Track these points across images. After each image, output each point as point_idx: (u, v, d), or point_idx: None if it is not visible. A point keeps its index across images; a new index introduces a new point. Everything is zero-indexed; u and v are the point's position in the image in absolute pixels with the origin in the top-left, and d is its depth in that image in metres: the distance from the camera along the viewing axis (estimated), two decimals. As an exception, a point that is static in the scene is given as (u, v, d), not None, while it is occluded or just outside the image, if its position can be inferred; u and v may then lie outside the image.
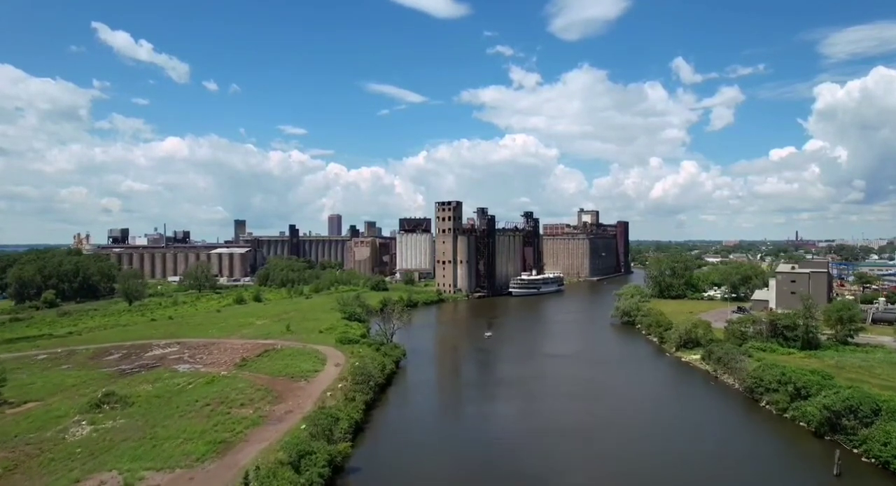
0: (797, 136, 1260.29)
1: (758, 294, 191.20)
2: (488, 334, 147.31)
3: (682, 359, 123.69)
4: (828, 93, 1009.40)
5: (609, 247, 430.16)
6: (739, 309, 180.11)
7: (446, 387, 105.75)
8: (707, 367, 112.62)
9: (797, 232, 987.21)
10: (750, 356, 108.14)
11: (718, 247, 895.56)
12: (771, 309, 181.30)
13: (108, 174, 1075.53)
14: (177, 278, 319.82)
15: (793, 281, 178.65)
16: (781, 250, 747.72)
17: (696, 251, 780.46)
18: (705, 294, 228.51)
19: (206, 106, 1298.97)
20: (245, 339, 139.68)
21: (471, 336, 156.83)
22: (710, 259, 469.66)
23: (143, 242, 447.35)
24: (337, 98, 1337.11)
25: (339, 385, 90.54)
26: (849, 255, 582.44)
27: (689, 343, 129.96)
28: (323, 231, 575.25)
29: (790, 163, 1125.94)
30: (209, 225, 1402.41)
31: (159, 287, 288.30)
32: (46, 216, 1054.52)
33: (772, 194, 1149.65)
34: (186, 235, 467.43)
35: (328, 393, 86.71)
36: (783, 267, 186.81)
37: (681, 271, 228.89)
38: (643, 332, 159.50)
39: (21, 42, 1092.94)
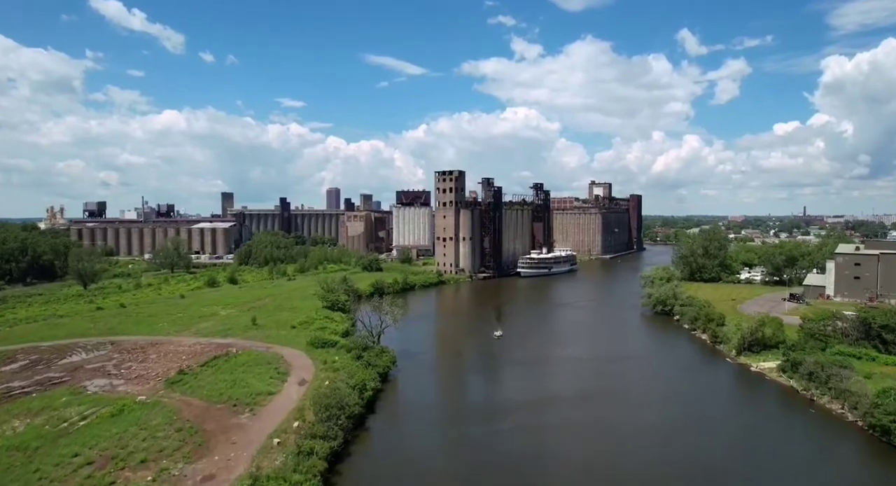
0: (802, 110, 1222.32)
1: (811, 279, 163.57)
2: (498, 333, 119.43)
3: (752, 368, 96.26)
4: (836, 65, 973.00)
5: (622, 222, 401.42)
6: (793, 297, 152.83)
7: (447, 417, 77.71)
8: (794, 383, 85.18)
9: (805, 207, 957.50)
10: (845, 367, 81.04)
11: (725, 223, 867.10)
12: (828, 296, 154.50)
13: (104, 147, 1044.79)
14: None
15: (857, 264, 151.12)
16: (795, 226, 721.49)
17: (706, 227, 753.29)
18: (742, 277, 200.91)
19: (202, 78, 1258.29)
20: (198, 337, 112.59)
21: (477, 334, 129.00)
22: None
23: (132, 215, 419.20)
24: (335, 70, 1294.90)
25: (296, 424, 63.05)
26: (868, 231, 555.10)
27: (754, 345, 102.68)
28: (323, 205, 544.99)
29: (795, 137, 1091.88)
30: (208, 198, 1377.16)
31: (130, 266, 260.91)
32: (44, 190, 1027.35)
33: (775, 169, 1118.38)
34: (170, 208, 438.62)
35: (276, 440, 59.30)
36: (844, 247, 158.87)
37: (714, 250, 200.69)
38: (685, 326, 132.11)
39: (11, 11, 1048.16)
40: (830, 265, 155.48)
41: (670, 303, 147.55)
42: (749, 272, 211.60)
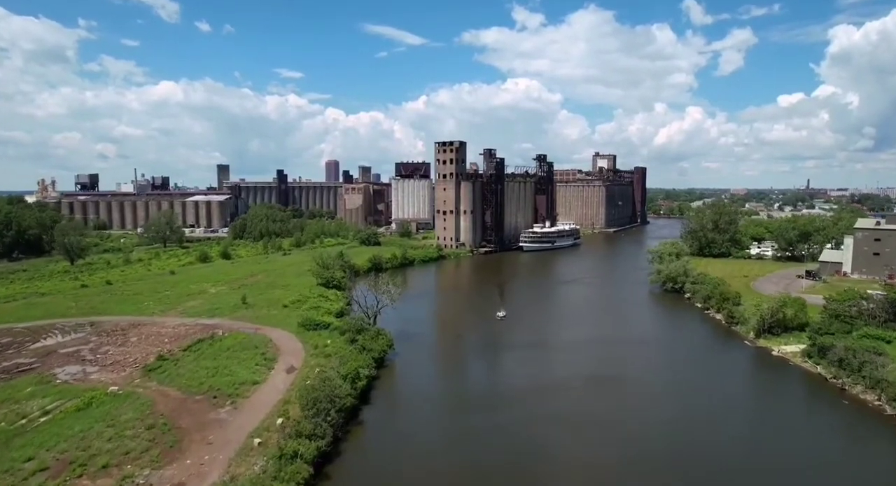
0: (808, 81, 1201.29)
1: (827, 255, 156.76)
2: (501, 314, 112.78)
3: (773, 352, 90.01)
4: (843, 35, 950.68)
5: (625, 195, 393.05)
6: (809, 274, 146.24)
7: (448, 407, 71.36)
8: (821, 370, 78.96)
9: (808, 180, 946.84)
10: (879, 354, 74.80)
11: (728, 196, 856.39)
12: (845, 273, 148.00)
13: (101, 119, 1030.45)
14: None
15: (877, 240, 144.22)
16: (799, 200, 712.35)
17: (709, 200, 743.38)
18: (752, 252, 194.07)
19: (199, 48, 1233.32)
20: (184, 317, 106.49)
21: (478, 313, 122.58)
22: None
23: (129, 188, 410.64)
24: (333, 39, 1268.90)
25: (279, 421, 56.84)
26: (874, 204, 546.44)
27: (775, 327, 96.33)
28: (322, 178, 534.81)
29: (799, 109, 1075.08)
30: (207, 171, 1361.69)
31: (122, 241, 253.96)
32: (42, 162, 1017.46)
33: (778, 142, 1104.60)
34: (165, 181, 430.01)
35: (256, 440, 53.17)
36: (864, 222, 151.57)
37: (725, 225, 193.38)
38: (698, 305, 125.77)
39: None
40: (849, 241, 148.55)
41: (681, 280, 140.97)
42: (759, 247, 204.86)
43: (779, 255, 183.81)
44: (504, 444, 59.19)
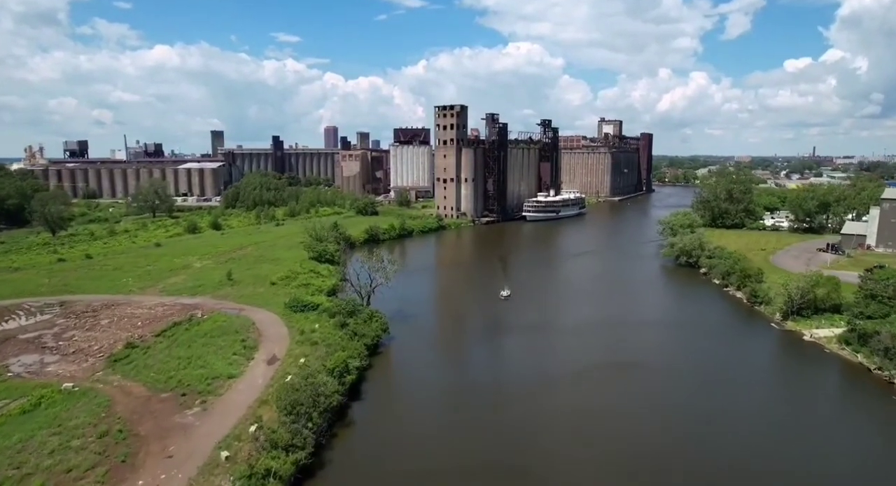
0: (816, 46, 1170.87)
1: (850, 227, 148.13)
2: (505, 293, 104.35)
3: (804, 337, 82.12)
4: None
5: (631, 162, 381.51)
6: (831, 247, 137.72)
7: (447, 403, 62.40)
8: (863, 360, 71.12)
9: (814, 148, 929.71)
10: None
11: (732, 163, 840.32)
12: (869, 246, 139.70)
13: (95, 84, 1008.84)
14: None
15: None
16: (806, 168, 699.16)
17: (714, 167, 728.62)
18: (767, 223, 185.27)
19: (193, 11, 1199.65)
20: (164, 295, 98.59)
21: (480, 291, 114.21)
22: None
23: (122, 155, 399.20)
24: (331, 1, 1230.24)
25: (252, 429, 49.07)
26: (883, 172, 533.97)
27: (805, 308, 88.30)
28: (321, 145, 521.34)
29: (806, 74, 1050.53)
30: (206, 138, 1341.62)
31: (111, 210, 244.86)
32: (38, 128, 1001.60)
33: (783, 108, 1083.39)
34: (158, 148, 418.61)
35: (224, 453, 45.45)
36: (893, 192, 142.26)
37: (739, 194, 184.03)
38: (715, 281, 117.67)
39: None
40: (874, 212, 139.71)
41: (696, 254, 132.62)
42: (773, 218, 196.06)
43: (795, 226, 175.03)
44: (513, 446, 51.67)
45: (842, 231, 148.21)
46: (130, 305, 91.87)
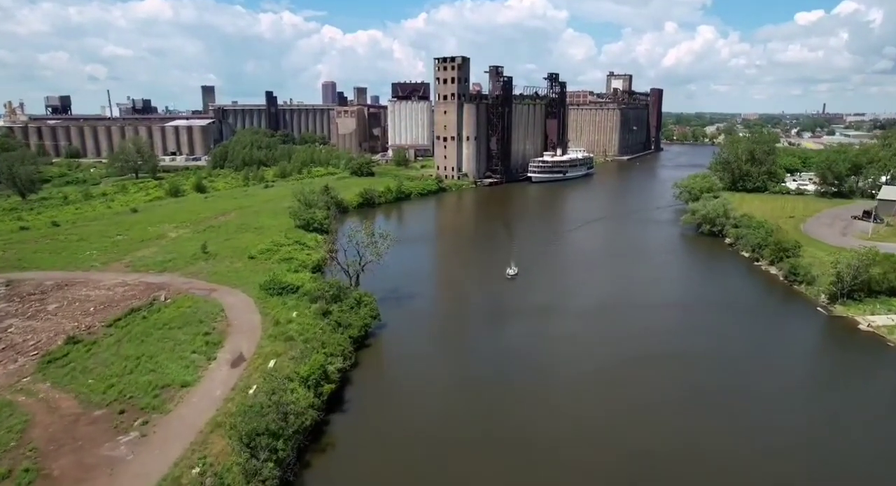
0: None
1: (888, 191, 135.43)
2: (512, 271, 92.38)
3: (861, 325, 71.14)
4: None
5: (640, 119, 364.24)
6: (868, 214, 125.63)
7: (448, 417, 51.08)
8: (939, 359, 60.37)
9: (824, 104, 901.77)
10: None
11: (739, 120, 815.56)
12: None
13: (87, 38, 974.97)
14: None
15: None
16: (817, 125, 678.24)
17: (722, 125, 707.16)
18: (791, 186, 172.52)
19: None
20: (129, 271, 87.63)
21: (484, 267, 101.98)
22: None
23: (116, 113, 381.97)
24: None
25: (195, 471, 38.43)
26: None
27: (857, 291, 77.16)
28: (320, 101, 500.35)
29: (817, 28, 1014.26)
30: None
31: (92, 171, 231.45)
32: (31, 84, 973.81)
33: (792, 63, 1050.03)
34: (147, 104, 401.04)
35: (152, 510, 34.99)
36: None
37: (762, 155, 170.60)
38: (744, 254, 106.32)
39: None
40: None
41: (720, 223, 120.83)
42: (795, 180, 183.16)
43: (823, 190, 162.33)
44: (530, 476, 41.35)
45: (878, 196, 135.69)
46: (88, 284, 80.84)
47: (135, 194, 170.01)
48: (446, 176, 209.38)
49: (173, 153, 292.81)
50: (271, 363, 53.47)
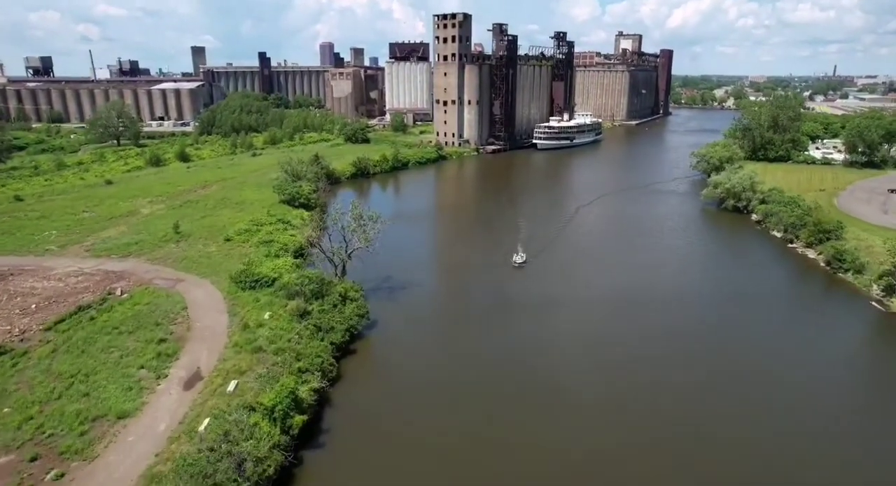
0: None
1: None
2: (519, 259, 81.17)
3: (925, 326, 61.48)
4: None
5: (649, 82, 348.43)
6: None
7: (450, 443, 43.92)
8: None
9: (835, 66, 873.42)
10: None
11: (746, 83, 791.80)
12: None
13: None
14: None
15: None
16: (830, 88, 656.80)
17: (730, 87, 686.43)
18: (816, 155, 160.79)
19: None
20: (88, 256, 77.88)
21: (487, 251, 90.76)
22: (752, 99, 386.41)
23: (105, 75, 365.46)
24: None
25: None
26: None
27: (914, 282, 67.22)
28: (318, 63, 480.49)
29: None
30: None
31: (72, 137, 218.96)
32: (21, 46, 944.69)
33: (802, 23, 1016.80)
34: (134, 65, 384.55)
35: None
36: None
37: (786, 122, 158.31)
38: (776, 234, 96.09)
39: None
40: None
41: (746, 197, 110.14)
42: (818, 148, 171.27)
43: (852, 159, 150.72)
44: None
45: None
46: (37, 273, 70.91)
47: (112, 164, 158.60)
48: (446, 143, 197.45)
49: (161, 118, 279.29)
50: (232, 385, 43.85)
